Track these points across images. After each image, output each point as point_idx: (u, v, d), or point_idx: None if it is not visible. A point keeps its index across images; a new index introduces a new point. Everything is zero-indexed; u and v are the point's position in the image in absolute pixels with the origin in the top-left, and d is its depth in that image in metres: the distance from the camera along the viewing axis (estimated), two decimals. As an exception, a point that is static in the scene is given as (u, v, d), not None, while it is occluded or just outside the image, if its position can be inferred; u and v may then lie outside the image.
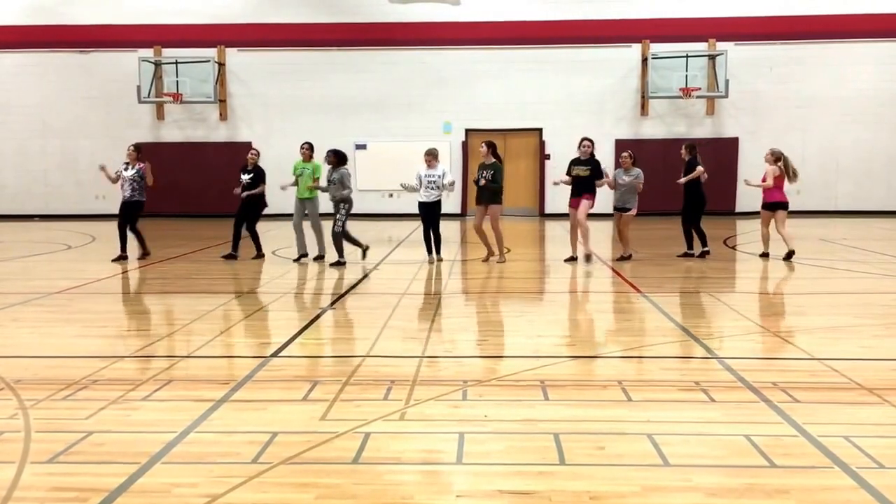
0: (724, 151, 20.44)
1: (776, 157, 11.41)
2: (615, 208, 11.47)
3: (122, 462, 3.64)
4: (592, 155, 11.00)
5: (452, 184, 11.51)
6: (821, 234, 15.46)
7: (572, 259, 11.13)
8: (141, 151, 11.80)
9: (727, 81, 20.29)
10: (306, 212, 11.52)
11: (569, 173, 10.98)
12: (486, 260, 11.18)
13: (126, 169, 11.60)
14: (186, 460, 3.69)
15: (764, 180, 11.52)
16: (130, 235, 11.67)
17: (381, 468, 3.60)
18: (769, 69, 20.90)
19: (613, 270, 10.60)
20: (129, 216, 11.57)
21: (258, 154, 12.14)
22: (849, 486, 3.38)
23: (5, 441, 3.98)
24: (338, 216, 10.79)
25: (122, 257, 11.51)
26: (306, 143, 11.77)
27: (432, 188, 11.25)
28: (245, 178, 11.76)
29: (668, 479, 3.46)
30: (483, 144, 11.03)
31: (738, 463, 3.63)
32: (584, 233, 11.03)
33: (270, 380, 5.16)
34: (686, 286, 8.92)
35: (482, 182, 10.86)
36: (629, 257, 11.35)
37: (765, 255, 11.39)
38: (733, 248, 13.14)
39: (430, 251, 11.47)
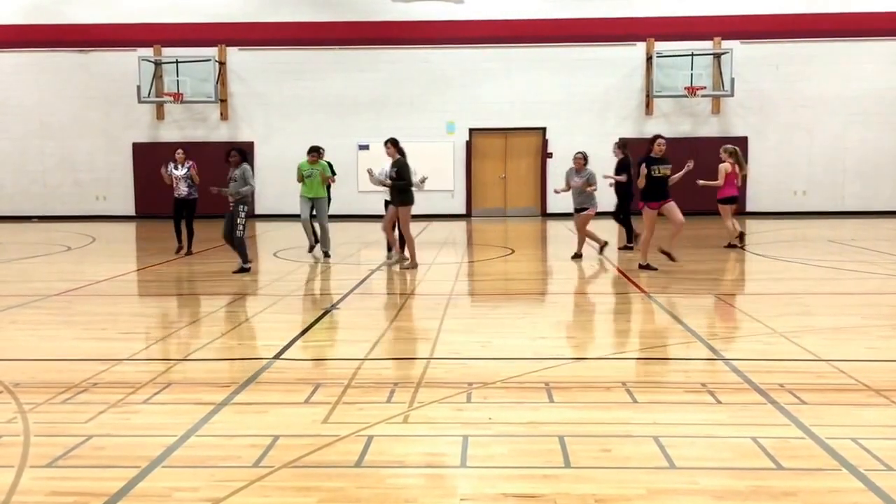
0: (730, 152, 20.32)
1: (729, 154, 12.21)
2: (575, 210, 11.44)
3: (122, 466, 3.61)
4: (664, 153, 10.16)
5: (423, 180, 11.09)
6: (828, 234, 15.37)
7: (669, 256, 10.49)
8: (188, 152, 12.60)
9: (733, 80, 20.16)
10: (314, 212, 11.92)
11: (648, 170, 9.92)
12: (392, 263, 10.64)
13: (176, 168, 12.24)
14: (187, 464, 3.66)
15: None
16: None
17: (385, 472, 3.57)
18: (775, 68, 20.75)
19: (619, 271, 10.55)
20: (189, 212, 12.30)
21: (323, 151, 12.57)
22: (857, 488, 3.35)
23: (4, 445, 3.96)
24: (238, 220, 10.13)
25: (181, 248, 12.34)
26: (313, 147, 11.92)
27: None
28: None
29: (674, 481, 3.44)
30: (387, 143, 10.57)
31: (744, 465, 3.60)
32: (677, 230, 10.40)
33: (272, 382, 5.13)
34: (692, 287, 8.87)
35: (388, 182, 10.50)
36: (580, 256, 11.39)
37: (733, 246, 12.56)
38: (742, 248, 13.04)
39: (390, 248, 11.32)
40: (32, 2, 21.44)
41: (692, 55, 20.23)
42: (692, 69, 20.21)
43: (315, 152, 11.91)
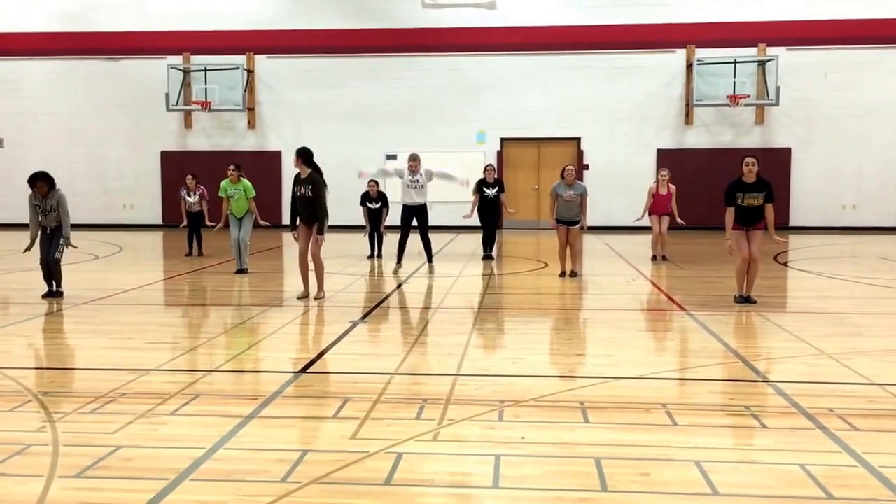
0: (775, 163, 19.37)
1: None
2: (563, 221, 10.96)
3: (149, 478, 3.59)
4: (760, 175, 8.53)
5: (445, 175, 11.28)
6: (879, 251, 14.92)
7: (744, 300, 8.72)
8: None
9: (778, 88, 19.51)
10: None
11: (733, 203, 8.51)
12: (304, 297, 8.98)
13: (189, 195, 13.91)
14: (215, 478, 3.62)
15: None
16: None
17: (414, 490, 3.50)
18: (823, 76, 20.04)
19: (657, 287, 10.34)
20: (199, 223, 14.04)
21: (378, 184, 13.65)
22: (912, 520, 3.23)
23: (33, 454, 3.95)
24: (61, 242, 9.08)
25: (190, 252, 13.90)
26: (234, 164, 11.85)
27: (416, 189, 11.07)
28: (373, 206, 13.57)
29: (717, 509, 3.31)
30: (297, 155, 8.87)
31: (792, 493, 3.47)
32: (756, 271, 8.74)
33: (300, 396, 5.08)
34: (734, 304, 8.62)
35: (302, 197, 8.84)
36: (575, 275, 10.88)
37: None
38: (784, 264, 12.72)
39: (399, 260, 11.29)
40: (62, 10, 21.73)
41: (735, 62, 19.71)
42: (735, 77, 19.65)
43: (237, 169, 11.71)
